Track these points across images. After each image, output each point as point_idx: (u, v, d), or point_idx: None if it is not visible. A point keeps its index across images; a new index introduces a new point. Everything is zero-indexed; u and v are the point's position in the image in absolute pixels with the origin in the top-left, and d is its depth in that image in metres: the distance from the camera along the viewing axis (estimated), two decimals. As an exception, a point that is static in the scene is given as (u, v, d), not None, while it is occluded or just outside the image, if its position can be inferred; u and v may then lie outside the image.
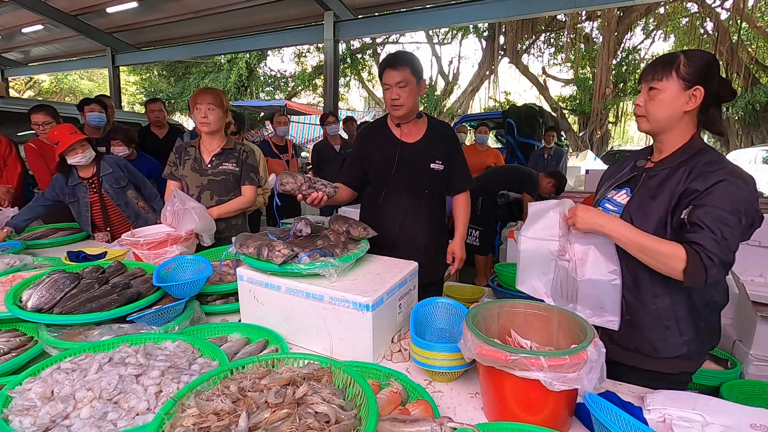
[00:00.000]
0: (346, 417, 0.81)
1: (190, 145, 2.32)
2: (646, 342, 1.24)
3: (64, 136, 2.40)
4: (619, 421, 0.83)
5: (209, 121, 2.17)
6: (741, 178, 1.09)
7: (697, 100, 1.15)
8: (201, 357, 1.16)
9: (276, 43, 8.49)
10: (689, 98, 1.15)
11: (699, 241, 1.06)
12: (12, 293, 1.39)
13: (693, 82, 1.14)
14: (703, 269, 1.04)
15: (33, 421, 0.87)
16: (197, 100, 2.18)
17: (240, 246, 1.44)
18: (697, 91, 1.14)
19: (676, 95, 1.16)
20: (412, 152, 1.91)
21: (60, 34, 9.44)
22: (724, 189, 1.08)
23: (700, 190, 1.11)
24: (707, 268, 1.04)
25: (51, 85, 20.86)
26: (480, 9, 5.95)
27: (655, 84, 1.18)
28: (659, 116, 1.20)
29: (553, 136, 5.50)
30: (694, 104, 1.16)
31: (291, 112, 11.25)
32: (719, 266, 1.04)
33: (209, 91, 2.20)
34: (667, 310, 1.21)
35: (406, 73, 1.79)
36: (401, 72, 1.78)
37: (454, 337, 1.25)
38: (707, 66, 1.14)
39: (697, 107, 1.17)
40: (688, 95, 1.15)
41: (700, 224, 1.07)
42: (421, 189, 1.92)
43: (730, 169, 1.11)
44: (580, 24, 14.09)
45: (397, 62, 1.79)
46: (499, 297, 2.92)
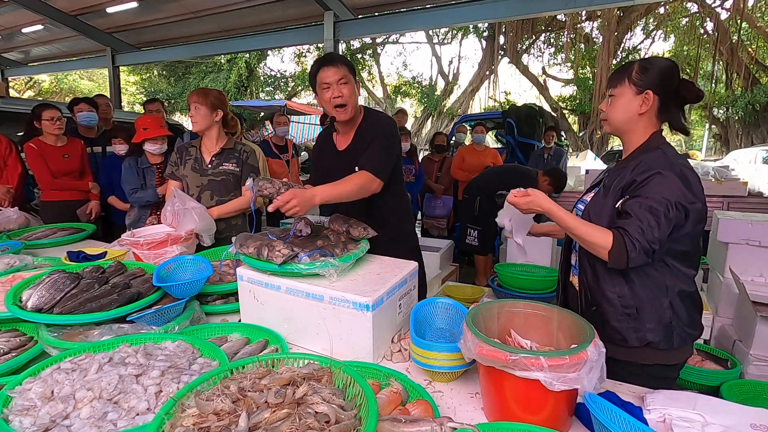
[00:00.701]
0: (346, 417, 0.81)
1: (191, 145, 2.32)
2: (614, 331, 1.30)
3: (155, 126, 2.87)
4: (619, 421, 0.83)
5: (196, 120, 2.21)
6: (674, 172, 1.18)
7: (649, 103, 1.26)
8: (201, 357, 1.16)
9: (276, 43, 8.49)
10: (642, 102, 1.27)
11: (625, 227, 1.17)
12: (12, 293, 1.39)
13: (644, 87, 1.26)
14: (625, 252, 1.14)
15: (33, 421, 0.87)
16: (189, 101, 2.23)
17: (240, 246, 1.44)
18: (647, 95, 1.26)
19: (630, 100, 1.28)
20: (342, 159, 1.84)
21: (60, 34, 9.43)
22: (658, 181, 1.18)
23: (637, 181, 1.22)
24: (628, 252, 1.14)
25: (51, 85, 20.86)
26: (480, 9, 5.95)
27: (613, 91, 1.32)
28: (616, 119, 1.32)
29: (553, 136, 5.50)
30: (646, 107, 1.27)
31: (291, 112, 11.24)
32: (640, 251, 1.14)
33: (197, 90, 2.24)
34: (626, 298, 1.28)
35: (345, 71, 1.69)
36: (340, 69, 1.69)
37: (454, 337, 1.25)
38: (660, 72, 1.25)
39: (650, 109, 1.27)
40: (641, 99, 1.27)
41: (630, 212, 1.18)
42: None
43: (669, 163, 1.21)
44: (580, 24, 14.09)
45: (334, 59, 1.71)
46: (499, 297, 2.92)
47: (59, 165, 3.20)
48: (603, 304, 1.31)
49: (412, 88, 18.88)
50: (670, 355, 1.30)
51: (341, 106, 1.72)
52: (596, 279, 1.33)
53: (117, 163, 3.37)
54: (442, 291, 3.19)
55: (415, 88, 18.64)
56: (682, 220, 1.18)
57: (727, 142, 15.96)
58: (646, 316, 1.26)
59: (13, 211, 2.71)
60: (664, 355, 1.29)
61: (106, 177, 3.37)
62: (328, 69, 1.70)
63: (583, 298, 1.39)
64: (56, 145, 3.20)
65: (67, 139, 3.29)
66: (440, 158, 5.30)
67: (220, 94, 2.29)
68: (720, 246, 2.69)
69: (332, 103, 1.72)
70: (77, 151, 3.32)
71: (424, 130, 18.14)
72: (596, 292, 1.33)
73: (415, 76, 19.13)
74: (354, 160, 1.76)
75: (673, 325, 1.27)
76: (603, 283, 1.31)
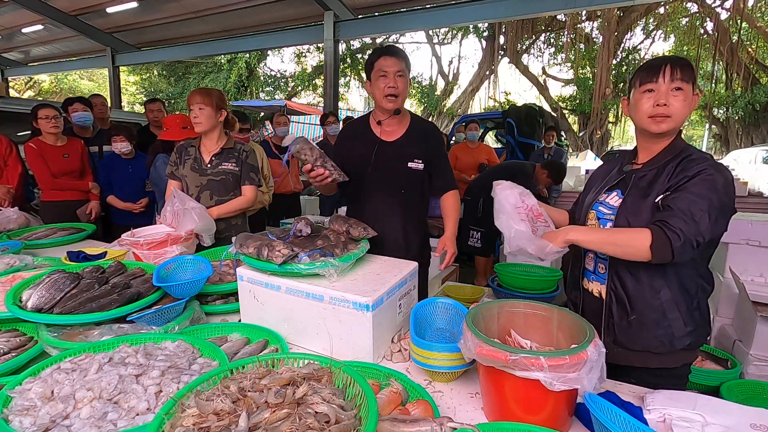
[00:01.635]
0: (346, 417, 0.81)
1: (190, 144, 2.32)
2: (655, 338, 1.25)
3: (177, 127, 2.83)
4: (619, 421, 0.83)
5: (200, 121, 2.19)
6: (718, 171, 1.14)
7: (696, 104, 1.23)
8: (201, 357, 1.16)
9: (276, 43, 8.50)
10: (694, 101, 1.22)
11: (665, 219, 1.11)
12: (12, 293, 1.39)
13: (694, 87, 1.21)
14: (668, 243, 1.07)
15: (33, 421, 0.87)
16: (189, 101, 2.21)
17: (240, 246, 1.44)
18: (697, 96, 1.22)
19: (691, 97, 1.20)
20: (390, 151, 1.88)
21: (60, 34, 9.44)
22: (702, 179, 1.13)
23: (680, 181, 1.17)
24: (672, 241, 1.07)
25: (51, 85, 20.86)
26: (480, 9, 5.95)
27: (682, 84, 1.18)
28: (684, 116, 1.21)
29: (553, 136, 5.50)
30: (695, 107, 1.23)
31: (291, 112, 11.23)
32: (684, 241, 1.07)
33: (199, 90, 2.22)
34: (670, 303, 1.23)
35: (403, 65, 1.76)
36: (399, 61, 1.74)
37: (454, 337, 1.25)
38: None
39: None
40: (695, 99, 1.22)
41: (671, 206, 1.13)
42: (397, 188, 1.88)
43: (711, 163, 1.17)
44: (580, 24, 14.09)
45: (396, 52, 1.76)
46: (499, 297, 2.92)
47: (59, 165, 3.19)
48: (647, 313, 1.25)
49: (412, 88, 18.87)
50: (693, 354, 1.30)
51: (393, 96, 1.77)
52: (639, 287, 1.25)
53: (116, 162, 3.37)
54: (442, 291, 3.19)
55: (415, 88, 18.63)
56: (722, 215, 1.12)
57: (727, 142, 15.96)
58: (687, 317, 1.24)
59: (13, 211, 2.71)
60: (692, 354, 1.29)
61: (104, 177, 3.37)
62: (389, 58, 1.74)
63: (618, 308, 1.30)
64: (56, 144, 3.20)
65: (67, 139, 3.29)
66: (440, 158, 5.29)
67: (221, 93, 2.28)
68: (720, 246, 2.69)
69: (385, 92, 1.76)
70: (77, 150, 3.32)
71: (424, 130, 18.12)
72: (639, 301, 1.26)
73: (415, 76, 19.12)
74: (405, 153, 1.87)
75: (699, 322, 1.26)
76: (646, 291, 1.24)
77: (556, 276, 3.06)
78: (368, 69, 1.82)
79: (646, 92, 1.22)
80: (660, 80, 1.18)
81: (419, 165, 1.88)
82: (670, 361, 1.27)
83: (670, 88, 1.18)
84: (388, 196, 1.89)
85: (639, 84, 1.24)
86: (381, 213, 1.89)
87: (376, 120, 1.91)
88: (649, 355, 1.27)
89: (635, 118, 1.27)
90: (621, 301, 1.30)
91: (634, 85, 1.27)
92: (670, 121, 1.20)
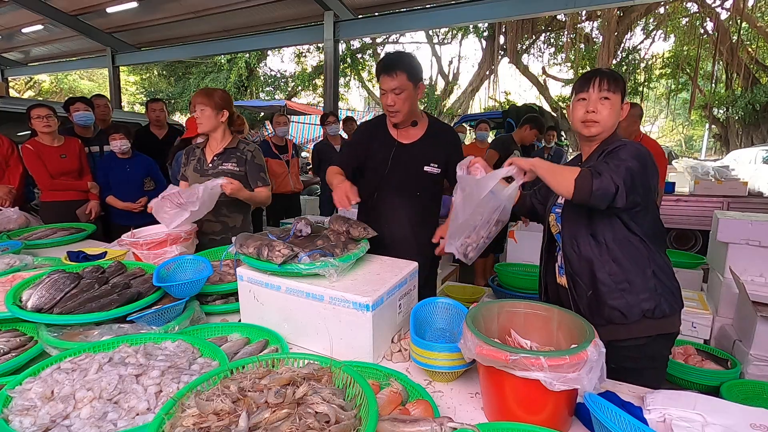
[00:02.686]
0: (346, 417, 0.81)
1: (197, 145, 2.33)
2: (613, 310, 1.35)
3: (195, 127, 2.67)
4: (619, 421, 0.83)
5: (201, 121, 2.19)
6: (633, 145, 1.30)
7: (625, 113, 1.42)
8: (201, 357, 1.16)
9: (276, 43, 8.50)
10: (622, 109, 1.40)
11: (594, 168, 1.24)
12: (12, 293, 1.39)
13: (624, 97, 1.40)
14: (590, 178, 1.20)
15: (33, 421, 0.87)
16: (193, 103, 2.21)
17: (240, 246, 1.44)
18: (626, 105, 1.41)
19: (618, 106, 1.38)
20: (407, 153, 1.89)
21: (60, 34, 9.44)
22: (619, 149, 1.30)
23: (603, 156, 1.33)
24: (593, 177, 1.20)
25: (51, 85, 20.86)
26: (480, 9, 5.95)
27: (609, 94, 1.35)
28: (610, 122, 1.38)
29: (553, 136, 5.51)
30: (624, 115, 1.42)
31: (291, 112, 11.23)
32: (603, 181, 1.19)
33: (201, 91, 2.23)
34: (617, 275, 1.35)
35: (402, 79, 1.76)
36: (396, 78, 1.75)
37: (454, 337, 1.25)
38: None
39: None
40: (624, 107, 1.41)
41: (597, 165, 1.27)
42: (413, 191, 1.90)
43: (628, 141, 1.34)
44: (580, 24, 14.08)
45: (393, 67, 1.76)
46: (499, 297, 2.92)
47: (57, 165, 3.18)
48: (598, 287, 1.37)
49: (411, 88, 18.85)
50: (665, 323, 1.37)
51: (393, 113, 1.83)
52: (586, 264, 1.38)
53: (114, 162, 3.37)
54: (442, 291, 3.19)
55: (415, 88, 18.62)
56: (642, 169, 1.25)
57: (727, 142, 15.95)
58: (638, 287, 1.34)
59: (13, 211, 2.71)
60: (660, 324, 1.36)
61: (103, 177, 3.37)
62: (384, 77, 1.78)
63: (575, 289, 1.42)
64: (53, 145, 3.18)
65: (64, 139, 3.27)
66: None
67: (225, 94, 2.26)
68: (720, 246, 2.70)
69: (385, 109, 1.84)
70: (74, 150, 3.30)
71: (424, 130, 18.12)
72: (588, 276, 1.38)
73: (415, 76, 19.11)
74: (421, 157, 1.90)
75: (659, 292, 1.36)
76: (594, 268, 1.37)
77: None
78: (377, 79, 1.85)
79: (580, 100, 1.39)
80: (590, 90, 1.36)
81: (435, 169, 1.88)
82: (640, 330, 1.35)
83: (599, 97, 1.36)
84: (404, 199, 1.90)
85: (575, 93, 1.41)
86: (395, 215, 1.91)
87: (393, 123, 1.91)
88: (613, 327, 1.36)
89: (572, 123, 1.45)
90: (575, 281, 1.41)
91: (572, 93, 1.45)
92: (598, 126, 1.37)
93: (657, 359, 1.41)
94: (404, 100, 1.79)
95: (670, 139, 25.79)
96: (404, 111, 1.81)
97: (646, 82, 15.02)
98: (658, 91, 17.62)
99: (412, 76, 1.78)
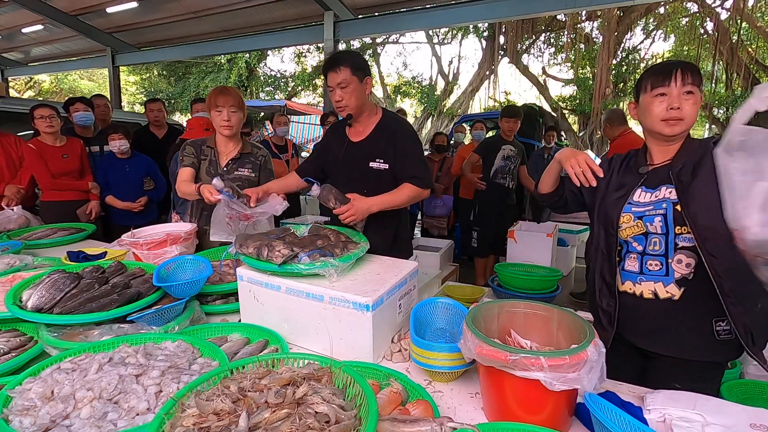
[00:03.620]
0: (346, 417, 0.81)
1: (206, 144, 2.22)
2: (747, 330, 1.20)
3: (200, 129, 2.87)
4: (619, 421, 0.83)
5: (232, 125, 2.09)
6: None
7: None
8: (201, 357, 1.16)
9: (276, 43, 8.48)
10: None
11: None
12: (12, 293, 1.39)
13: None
14: None
15: (33, 421, 0.87)
16: (218, 102, 2.05)
17: (240, 246, 1.44)
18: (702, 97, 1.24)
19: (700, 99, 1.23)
20: (355, 150, 1.92)
21: (60, 34, 9.42)
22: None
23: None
24: None
25: (51, 85, 20.84)
26: (480, 9, 5.94)
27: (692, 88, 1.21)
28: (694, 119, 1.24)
29: (553, 136, 5.50)
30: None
31: (291, 112, 11.22)
32: None
33: (230, 91, 2.09)
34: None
35: (346, 74, 1.77)
36: (340, 73, 1.77)
37: (454, 337, 1.25)
38: None
39: None
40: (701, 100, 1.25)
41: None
42: (361, 187, 1.82)
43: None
44: (580, 24, 14.08)
45: (336, 63, 1.78)
46: (499, 297, 2.92)
47: (58, 165, 3.19)
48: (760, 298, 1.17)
49: (412, 88, 18.85)
50: None
51: (341, 108, 1.85)
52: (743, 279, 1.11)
53: (113, 162, 3.38)
54: (442, 291, 3.19)
55: (415, 88, 18.60)
56: None
57: (727, 142, 15.91)
58: None
59: (14, 210, 2.71)
60: None
61: (103, 177, 3.37)
62: (330, 74, 1.80)
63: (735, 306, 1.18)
64: (55, 145, 3.19)
65: (66, 139, 3.28)
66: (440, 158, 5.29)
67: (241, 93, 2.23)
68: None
69: (335, 105, 1.87)
70: (76, 151, 3.31)
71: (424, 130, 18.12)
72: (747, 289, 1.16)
73: (415, 76, 19.08)
74: (367, 153, 1.90)
75: None
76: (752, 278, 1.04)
77: (556, 276, 3.06)
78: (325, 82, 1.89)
79: (658, 96, 1.23)
80: (672, 84, 1.21)
81: (382, 165, 1.88)
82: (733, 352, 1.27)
83: (681, 92, 1.21)
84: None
85: (650, 88, 1.25)
86: None
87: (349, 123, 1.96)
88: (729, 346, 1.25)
89: (646, 122, 1.28)
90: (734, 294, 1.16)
91: (643, 89, 1.28)
92: (683, 123, 1.23)
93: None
94: (350, 93, 1.80)
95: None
96: (351, 105, 1.82)
97: (646, 82, 15.02)
98: (658, 91, 17.61)
99: (356, 69, 1.79)
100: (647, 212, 1.30)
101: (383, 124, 1.93)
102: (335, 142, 2.00)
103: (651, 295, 1.33)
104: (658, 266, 1.31)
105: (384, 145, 1.88)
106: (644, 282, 1.34)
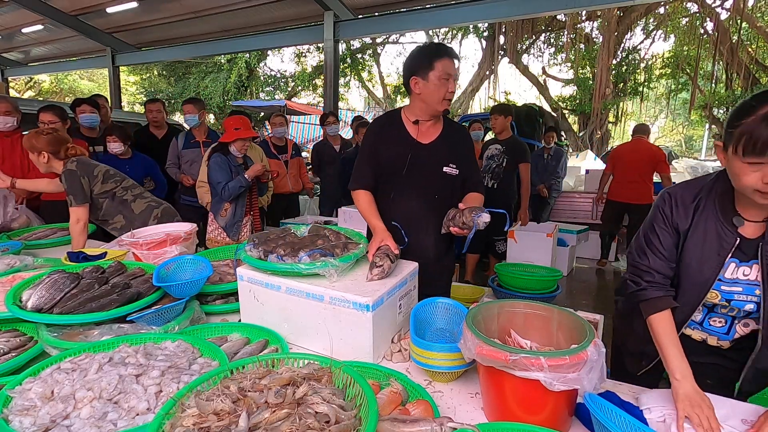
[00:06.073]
0: (346, 417, 0.81)
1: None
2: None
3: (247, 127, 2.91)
4: (619, 421, 0.83)
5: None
6: None
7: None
8: (201, 357, 1.16)
9: (276, 43, 8.49)
10: None
11: None
12: (12, 293, 1.39)
13: None
14: None
15: (33, 421, 0.87)
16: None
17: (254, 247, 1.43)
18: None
19: None
20: (426, 154, 1.76)
21: (60, 34, 9.43)
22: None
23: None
24: None
25: (51, 85, 20.84)
26: (480, 9, 5.95)
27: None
28: None
29: (553, 136, 5.51)
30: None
31: (291, 112, 11.23)
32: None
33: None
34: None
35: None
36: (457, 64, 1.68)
37: (454, 337, 1.24)
38: None
39: None
40: None
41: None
42: (431, 193, 1.77)
43: None
44: (580, 24, 14.07)
45: (456, 54, 1.67)
46: (499, 297, 2.92)
47: None
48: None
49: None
50: None
51: (450, 100, 1.71)
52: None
53: (113, 162, 3.37)
54: (442, 291, 3.19)
55: (415, 87, 18.62)
56: None
57: (726, 143, 15.90)
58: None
59: (16, 209, 2.71)
60: None
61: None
62: (454, 62, 1.65)
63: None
64: None
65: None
66: (440, 158, 5.30)
67: None
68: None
69: (445, 96, 1.67)
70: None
71: (424, 130, 18.13)
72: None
73: (414, 76, 19.12)
74: (442, 157, 1.78)
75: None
76: None
77: (556, 276, 3.06)
78: (424, 66, 1.65)
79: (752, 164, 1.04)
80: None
81: (454, 170, 1.77)
82: None
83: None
84: (422, 201, 1.78)
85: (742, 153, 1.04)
86: (414, 219, 1.77)
87: (412, 119, 1.77)
88: None
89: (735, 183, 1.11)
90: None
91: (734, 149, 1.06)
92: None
93: None
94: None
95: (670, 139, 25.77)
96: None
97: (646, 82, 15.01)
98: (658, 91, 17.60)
99: None
100: (736, 296, 1.19)
101: (449, 127, 1.83)
102: (394, 141, 1.78)
103: (700, 339, 1.31)
104: (722, 324, 1.27)
105: (454, 149, 1.79)
106: (699, 331, 1.30)
